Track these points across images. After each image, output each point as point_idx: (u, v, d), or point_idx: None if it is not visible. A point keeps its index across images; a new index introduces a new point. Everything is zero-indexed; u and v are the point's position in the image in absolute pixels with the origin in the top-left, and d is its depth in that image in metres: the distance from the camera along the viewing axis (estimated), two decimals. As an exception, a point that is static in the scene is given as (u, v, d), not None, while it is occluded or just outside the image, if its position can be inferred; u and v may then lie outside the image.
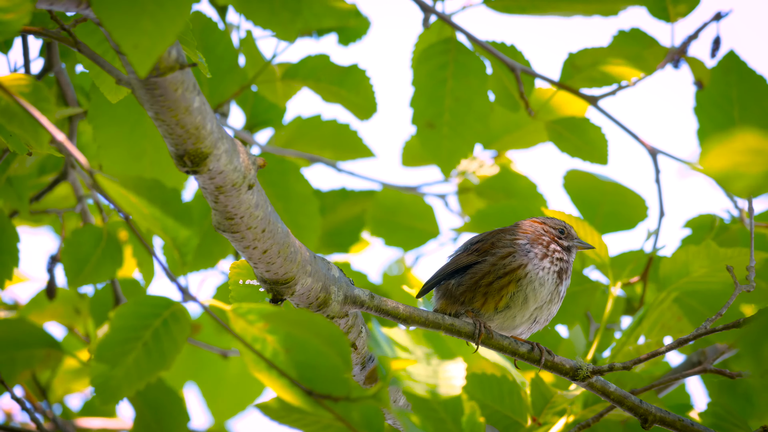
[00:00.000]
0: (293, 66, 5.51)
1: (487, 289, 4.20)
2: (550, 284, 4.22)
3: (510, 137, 6.00)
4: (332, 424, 3.23)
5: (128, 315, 3.31)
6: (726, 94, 5.23)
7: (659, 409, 4.05)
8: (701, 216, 5.38)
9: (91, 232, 5.40)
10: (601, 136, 5.33)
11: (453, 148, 5.45)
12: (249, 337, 3.22)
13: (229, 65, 5.48)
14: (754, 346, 3.12)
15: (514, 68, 5.27)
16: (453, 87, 5.42)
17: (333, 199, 6.26)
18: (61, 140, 3.17)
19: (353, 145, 6.01)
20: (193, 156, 3.48)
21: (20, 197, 5.30)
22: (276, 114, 5.85)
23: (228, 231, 3.65)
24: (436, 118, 5.43)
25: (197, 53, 3.72)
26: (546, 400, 4.51)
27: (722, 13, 5.20)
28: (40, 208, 5.63)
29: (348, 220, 6.27)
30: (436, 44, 5.42)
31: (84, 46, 3.54)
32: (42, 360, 5.63)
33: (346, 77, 5.47)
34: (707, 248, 4.67)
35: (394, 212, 6.17)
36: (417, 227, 6.19)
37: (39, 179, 5.57)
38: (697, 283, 4.71)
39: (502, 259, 4.22)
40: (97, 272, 5.39)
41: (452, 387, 3.15)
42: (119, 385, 3.31)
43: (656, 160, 5.34)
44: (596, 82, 5.26)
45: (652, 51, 5.21)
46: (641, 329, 4.83)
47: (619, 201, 5.58)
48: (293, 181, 5.75)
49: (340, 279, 3.91)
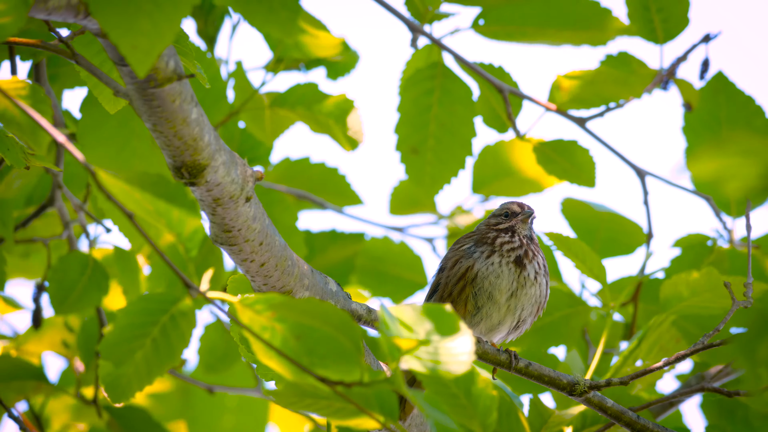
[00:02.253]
0: (281, 95, 5.50)
1: (451, 298, 4.30)
2: (509, 273, 4.28)
3: (499, 183, 6.01)
4: (345, 407, 3.23)
5: (135, 312, 3.29)
6: (715, 114, 5.27)
7: (656, 425, 4.04)
8: (690, 236, 5.40)
9: (77, 259, 5.37)
10: (588, 158, 5.33)
11: (436, 174, 5.46)
12: (257, 326, 3.20)
13: (217, 95, 5.48)
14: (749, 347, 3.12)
15: (501, 89, 5.29)
16: (438, 113, 5.43)
17: (323, 241, 6.24)
18: (62, 141, 3.16)
19: (342, 189, 6.00)
20: (190, 168, 3.47)
21: (5, 224, 5.26)
22: (263, 152, 5.83)
23: (225, 244, 3.63)
24: (420, 144, 5.44)
25: (195, 64, 3.72)
26: (544, 420, 4.49)
27: (711, 35, 5.23)
28: (26, 237, 5.58)
29: (338, 263, 6.25)
30: (424, 69, 5.43)
31: (82, 58, 3.53)
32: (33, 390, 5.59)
33: (334, 107, 5.47)
34: (708, 275, 4.68)
35: (382, 262, 6.16)
36: (405, 277, 6.18)
37: (25, 210, 5.53)
38: (695, 307, 4.72)
39: (451, 269, 4.33)
40: (82, 299, 5.35)
41: (461, 363, 3.13)
42: (129, 382, 3.30)
43: (644, 181, 5.36)
44: (584, 103, 5.28)
45: (640, 74, 5.23)
46: (639, 351, 4.82)
47: (615, 228, 5.60)
48: (279, 212, 5.73)
49: (338, 293, 3.90)
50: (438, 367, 3.13)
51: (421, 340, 3.14)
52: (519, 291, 4.27)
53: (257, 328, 3.18)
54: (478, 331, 4.31)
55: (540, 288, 4.30)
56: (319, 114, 5.42)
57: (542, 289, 4.31)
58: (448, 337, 3.17)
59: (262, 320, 3.20)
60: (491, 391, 3.32)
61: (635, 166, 5.35)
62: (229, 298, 3.25)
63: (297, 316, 3.17)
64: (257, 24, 3.39)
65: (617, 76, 5.21)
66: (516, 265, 4.29)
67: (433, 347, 3.16)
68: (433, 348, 3.16)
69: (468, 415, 3.33)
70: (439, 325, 3.19)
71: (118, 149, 4.96)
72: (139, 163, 4.94)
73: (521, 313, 4.29)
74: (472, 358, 3.14)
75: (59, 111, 5.34)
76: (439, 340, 3.16)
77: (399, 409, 3.28)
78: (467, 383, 3.33)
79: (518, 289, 4.27)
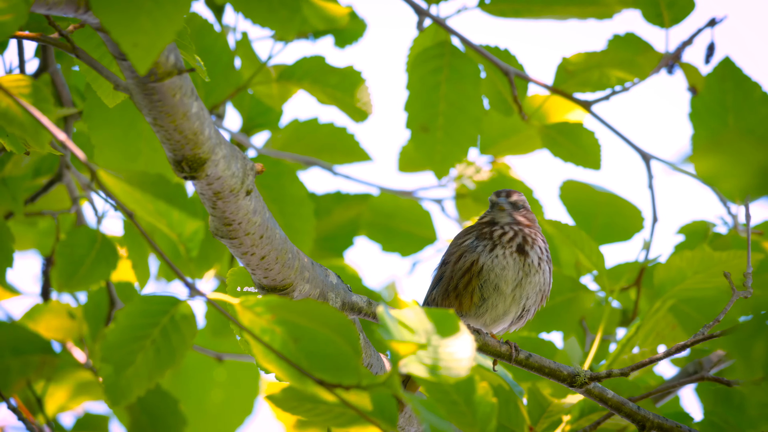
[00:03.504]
0: (289, 68, 5.50)
1: (457, 291, 4.32)
2: (514, 263, 4.31)
3: (507, 142, 6.01)
4: (344, 413, 3.23)
5: (135, 314, 3.29)
6: (721, 100, 5.25)
7: (657, 415, 4.05)
8: (695, 222, 5.40)
9: (85, 234, 5.38)
10: (594, 141, 5.33)
11: (447, 152, 5.45)
12: (257, 329, 3.20)
13: (225, 67, 5.48)
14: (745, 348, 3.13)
15: (507, 72, 5.27)
16: (447, 91, 5.42)
17: (328, 202, 6.26)
18: (63, 140, 3.16)
19: (350, 148, 6.00)
20: (191, 161, 3.48)
21: (15, 198, 5.28)
22: (272, 117, 5.84)
23: (226, 237, 3.64)
24: (430, 122, 5.43)
25: (195, 57, 3.72)
26: (543, 409, 4.51)
27: (717, 19, 5.21)
28: (35, 210, 5.60)
29: (342, 224, 6.27)
30: (431, 48, 5.42)
31: (82, 52, 3.53)
32: (37, 367, 5.60)
33: (341, 79, 5.47)
34: (701, 253, 4.69)
35: (391, 217, 6.18)
36: (414, 233, 6.20)
37: (34, 181, 5.54)
38: (691, 290, 4.73)
39: (456, 263, 4.35)
40: (91, 274, 5.37)
41: (461, 368, 3.13)
42: (129, 385, 3.29)
43: (649, 165, 5.35)
44: (590, 86, 5.27)
45: (646, 56, 5.22)
46: (636, 338, 4.83)
47: (615, 212, 5.60)
48: (288, 183, 5.74)
49: (338, 285, 3.91)
50: (438, 371, 3.14)
51: (421, 344, 3.14)
52: (524, 280, 4.29)
53: (257, 331, 3.19)
54: (482, 321, 4.34)
55: (544, 275, 4.32)
56: (327, 86, 5.42)
57: (546, 277, 4.33)
58: (448, 339, 3.17)
59: (262, 322, 3.20)
60: (491, 398, 3.32)
61: (640, 149, 5.35)
62: (230, 300, 3.25)
63: (295, 317, 3.17)
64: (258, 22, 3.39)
65: (623, 58, 5.19)
66: (519, 253, 4.31)
67: (433, 350, 3.16)
68: (432, 351, 3.16)
69: (468, 422, 3.33)
70: (439, 328, 3.19)
71: (124, 130, 4.97)
72: (145, 145, 4.95)
73: (526, 302, 4.30)
74: (472, 362, 3.15)
75: (67, 89, 5.35)
76: (439, 342, 3.17)
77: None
78: (467, 390, 3.33)
79: (523, 278, 4.29)
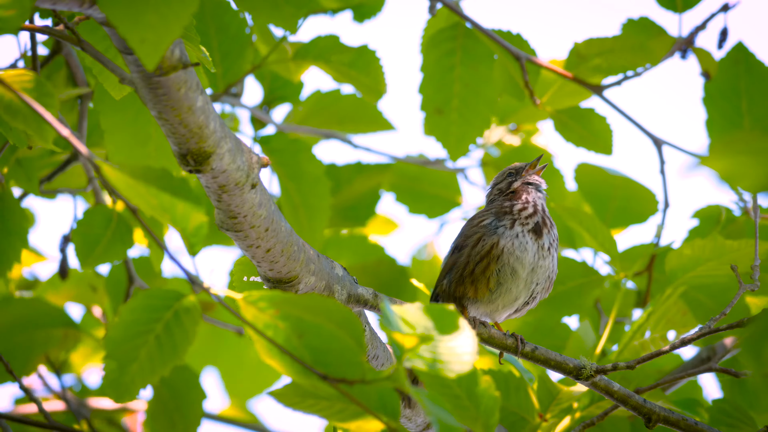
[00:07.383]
0: (304, 46, 5.49)
1: (473, 277, 4.28)
2: (531, 245, 4.28)
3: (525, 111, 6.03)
4: (347, 408, 3.23)
5: (139, 308, 3.28)
6: (734, 85, 5.22)
7: (663, 408, 4.05)
8: (709, 207, 5.39)
9: (102, 213, 5.40)
10: (606, 126, 5.31)
11: (461, 134, 5.45)
12: (261, 324, 3.20)
13: (242, 45, 5.48)
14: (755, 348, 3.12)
15: (519, 57, 5.25)
16: (461, 73, 5.41)
17: (348, 173, 6.28)
18: (66, 135, 3.17)
19: (373, 118, 6.01)
20: (196, 155, 3.48)
21: (30, 179, 5.30)
22: (293, 90, 5.86)
23: (231, 230, 3.65)
24: (445, 104, 5.42)
25: (201, 49, 3.71)
26: (552, 396, 4.52)
27: (730, 5, 5.18)
28: (51, 188, 5.64)
29: (363, 193, 6.29)
30: (445, 30, 5.41)
31: (87, 45, 3.54)
32: (59, 341, 5.66)
33: (356, 58, 5.46)
34: (713, 241, 4.67)
35: (418, 180, 6.21)
36: (441, 195, 6.22)
37: (51, 158, 5.57)
38: (703, 277, 4.72)
39: (474, 247, 4.30)
40: (107, 253, 5.39)
41: (464, 363, 3.13)
42: (132, 380, 3.28)
43: (661, 150, 5.33)
44: (602, 71, 5.24)
45: (659, 41, 5.19)
46: (647, 324, 4.83)
47: (629, 195, 5.59)
48: (305, 161, 5.75)
49: (344, 278, 3.92)
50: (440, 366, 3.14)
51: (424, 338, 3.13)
52: (541, 262, 4.27)
53: (261, 326, 3.19)
54: (494, 307, 4.31)
55: (553, 261, 4.31)
56: (341, 65, 5.42)
57: (554, 263, 4.32)
58: (450, 335, 3.17)
59: (265, 318, 3.19)
60: (494, 392, 3.33)
61: (652, 135, 5.32)
62: (234, 295, 3.25)
63: (299, 312, 3.17)
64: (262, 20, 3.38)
65: (635, 42, 5.16)
66: (534, 233, 4.29)
67: (436, 345, 3.16)
68: (435, 346, 3.16)
69: (471, 416, 3.34)
70: (440, 325, 3.19)
71: (134, 115, 4.97)
72: (155, 130, 4.95)
73: (535, 287, 4.29)
74: (475, 357, 3.15)
75: (81, 70, 5.36)
76: (441, 338, 3.16)
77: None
78: (470, 384, 3.33)
79: (541, 259, 4.27)
